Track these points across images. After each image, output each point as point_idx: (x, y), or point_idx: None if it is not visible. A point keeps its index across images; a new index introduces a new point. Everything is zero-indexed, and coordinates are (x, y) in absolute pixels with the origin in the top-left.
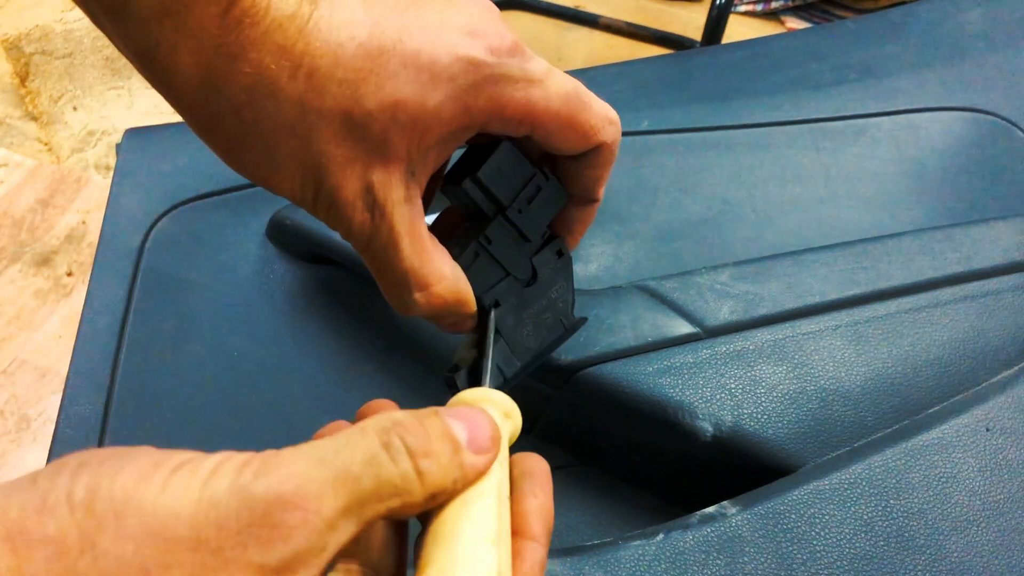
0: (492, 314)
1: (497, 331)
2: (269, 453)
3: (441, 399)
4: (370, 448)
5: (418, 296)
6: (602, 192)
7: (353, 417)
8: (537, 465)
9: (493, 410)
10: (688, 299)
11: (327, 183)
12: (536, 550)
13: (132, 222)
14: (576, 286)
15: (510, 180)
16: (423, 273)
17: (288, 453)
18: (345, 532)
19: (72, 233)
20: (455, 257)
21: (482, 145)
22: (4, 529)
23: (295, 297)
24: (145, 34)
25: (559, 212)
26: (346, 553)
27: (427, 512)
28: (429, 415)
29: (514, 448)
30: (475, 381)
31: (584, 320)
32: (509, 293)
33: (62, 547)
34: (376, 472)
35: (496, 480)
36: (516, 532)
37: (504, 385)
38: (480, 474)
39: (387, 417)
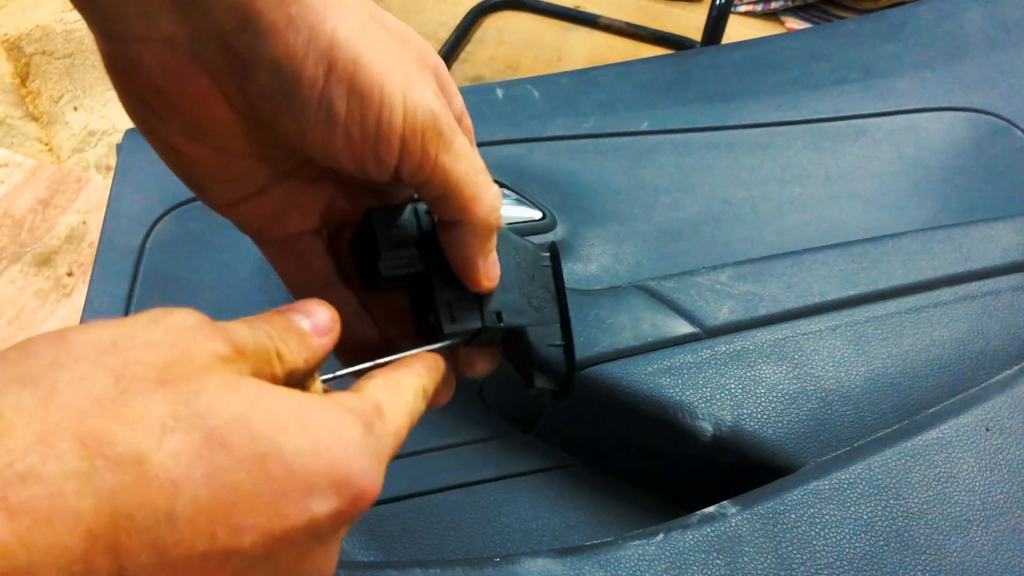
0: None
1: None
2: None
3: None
4: (249, 328)
5: None
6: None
7: None
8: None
9: None
10: (688, 299)
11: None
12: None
13: (132, 222)
14: (576, 286)
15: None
16: None
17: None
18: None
19: (73, 233)
20: (443, 328)
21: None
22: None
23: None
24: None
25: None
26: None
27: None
28: (277, 315)
29: (515, 447)
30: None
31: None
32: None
33: None
34: (253, 340)
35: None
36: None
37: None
38: (326, 351)
39: (258, 316)
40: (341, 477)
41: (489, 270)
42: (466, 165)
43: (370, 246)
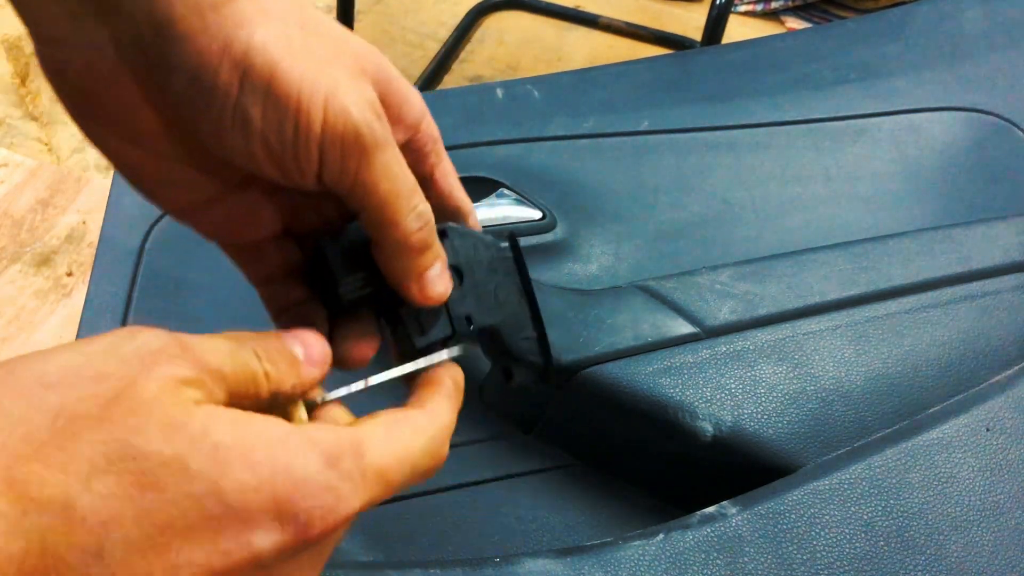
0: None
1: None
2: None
3: None
4: (236, 346)
5: None
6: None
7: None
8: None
9: None
10: (688, 299)
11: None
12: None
13: (132, 222)
14: (576, 286)
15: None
16: None
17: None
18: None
19: (72, 233)
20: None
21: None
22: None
23: None
24: None
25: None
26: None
27: None
28: (273, 336)
29: (515, 447)
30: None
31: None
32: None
33: None
34: (235, 360)
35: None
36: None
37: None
38: (314, 381)
39: (251, 334)
40: (283, 510)
41: (426, 287)
42: (388, 183)
43: (327, 274)
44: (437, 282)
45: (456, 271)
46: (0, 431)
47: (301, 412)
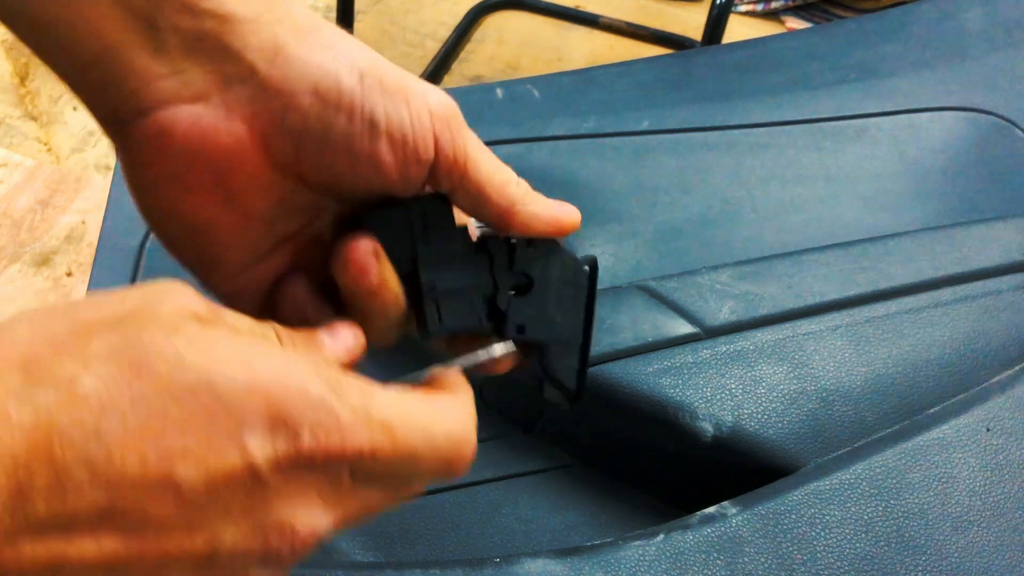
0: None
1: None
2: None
3: None
4: (255, 322)
5: None
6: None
7: None
8: None
9: None
10: (688, 299)
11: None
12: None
13: (132, 222)
14: None
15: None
16: None
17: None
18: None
19: (72, 233)
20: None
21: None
22: (22, 358)
23: None
24: None
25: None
26: None
27: None
28: (302, 329)
29: (515, 447)
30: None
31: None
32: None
33: (79, 394)
34: (252, 322)
35: None
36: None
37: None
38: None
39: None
40: (276, 415)
41: (558, 218)
42: (487, 156)
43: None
44: (558, 210)
45: (527, 278)
46: (23, 331)
47: None
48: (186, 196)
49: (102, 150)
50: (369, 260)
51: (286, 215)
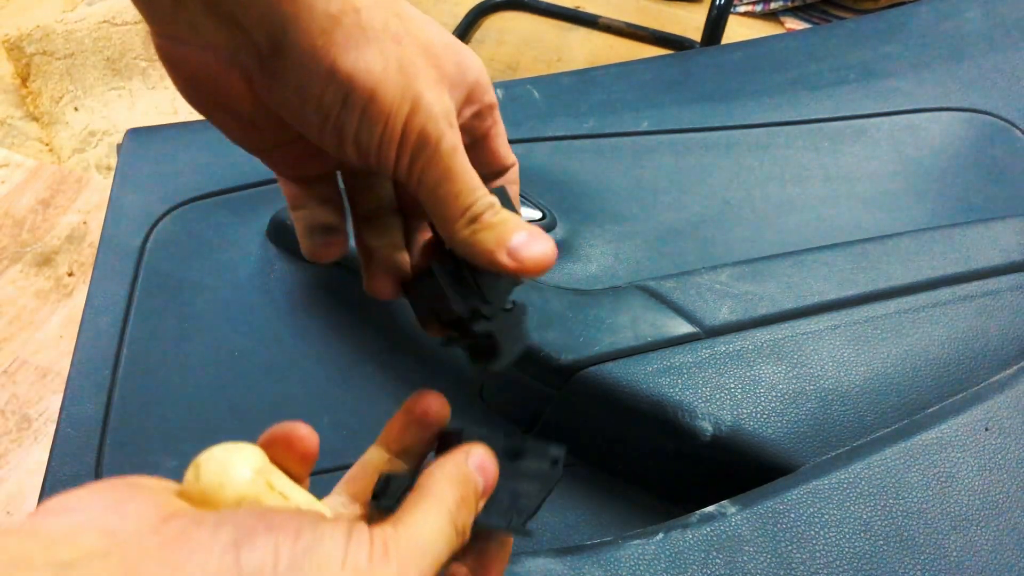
0: None
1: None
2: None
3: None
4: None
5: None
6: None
7: (353, 416)
8: None
9: None
10: (688, 299)
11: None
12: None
13: (133, 222)
14: (576, 286)
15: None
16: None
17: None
18: None
19: (73, 233)
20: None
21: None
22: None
23: (295, 297)
24: None
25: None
26: None
27: None
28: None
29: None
30: None
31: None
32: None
33: None
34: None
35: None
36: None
37: None
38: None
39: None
40: None
41: (515, 254)
42: (448, 185)
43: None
44: (525, 248)
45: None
46: None
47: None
48: (199, 104)
49: (103, 150)
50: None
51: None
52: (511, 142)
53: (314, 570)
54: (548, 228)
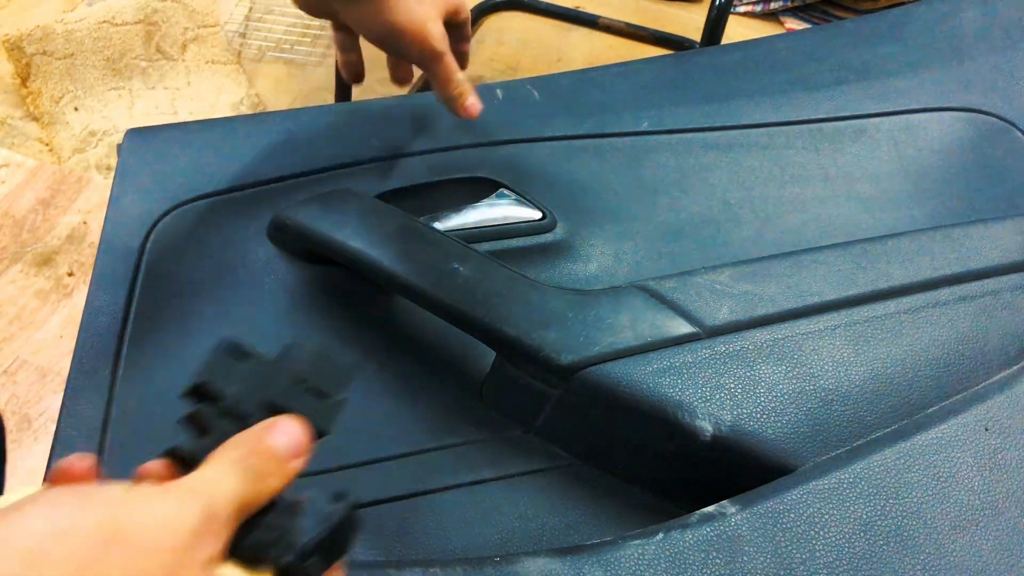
0: None
1: None
2: None
3: (439, 397)
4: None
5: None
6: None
7: (352, 416)
8: None
9: None
10: (688, 299)
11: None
12: None
13: (133, 222)
14: (576, 286)
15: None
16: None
17: None
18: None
19: (73, 233)
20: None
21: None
22: None
23: (295, 297)
24: None
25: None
26: None
27: None
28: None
29: (515, 447)
30: None
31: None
32: None
33: None
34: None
35: None
36: None
37: None
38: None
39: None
40: None
41: (467, 108)
42: (444, 72)
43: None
44: (473, 107)
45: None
46: None
47: None
48: None
49: (103, 150)
50: None
51: None
52: (511, 142)
53: (102, 503)
54: (548, 228)
